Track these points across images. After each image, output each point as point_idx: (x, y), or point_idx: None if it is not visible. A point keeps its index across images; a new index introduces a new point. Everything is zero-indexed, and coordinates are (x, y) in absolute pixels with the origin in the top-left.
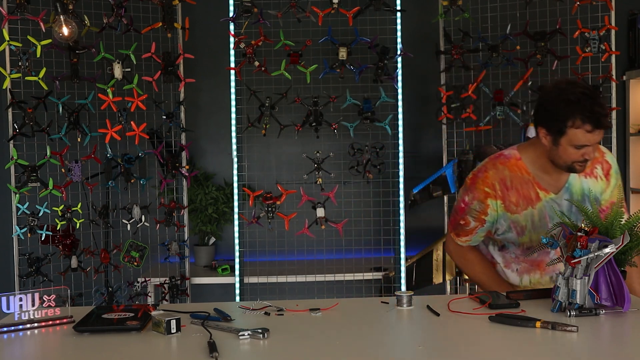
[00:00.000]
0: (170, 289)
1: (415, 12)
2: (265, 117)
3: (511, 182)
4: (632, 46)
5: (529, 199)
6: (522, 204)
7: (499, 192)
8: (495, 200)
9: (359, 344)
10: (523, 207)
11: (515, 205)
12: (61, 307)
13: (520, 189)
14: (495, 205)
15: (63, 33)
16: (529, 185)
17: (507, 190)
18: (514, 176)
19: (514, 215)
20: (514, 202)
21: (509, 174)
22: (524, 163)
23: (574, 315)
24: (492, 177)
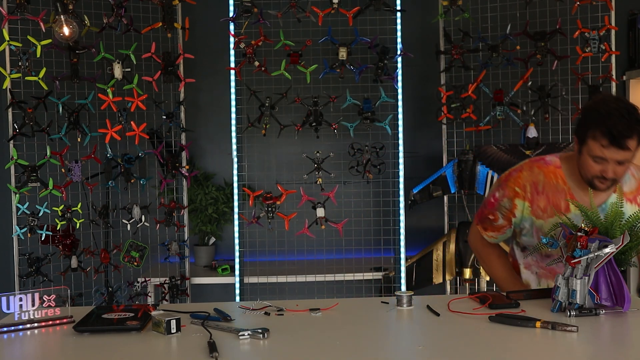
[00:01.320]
0: (170, 289)
1: (415, 12)
2: (265, 117)
3: (543, 188)
4: (632, 46)
5: (558, 207)
6: (549, 211)
7: (529, 195)
8: (523, 201)
9: (359, 344)
10: (550, 215)
11: (542, 210)
12: (61, 307)
13: (551, 196)
14: (522, 206)
15: (63, 33)
16: (562, 195)
17: (538, 194)
18: (548, 182)
19: (538, 220)
20: (541, 208)
21: (543, 179)
22: (563, 172)
23: (574, 315)
24: (524, 178)
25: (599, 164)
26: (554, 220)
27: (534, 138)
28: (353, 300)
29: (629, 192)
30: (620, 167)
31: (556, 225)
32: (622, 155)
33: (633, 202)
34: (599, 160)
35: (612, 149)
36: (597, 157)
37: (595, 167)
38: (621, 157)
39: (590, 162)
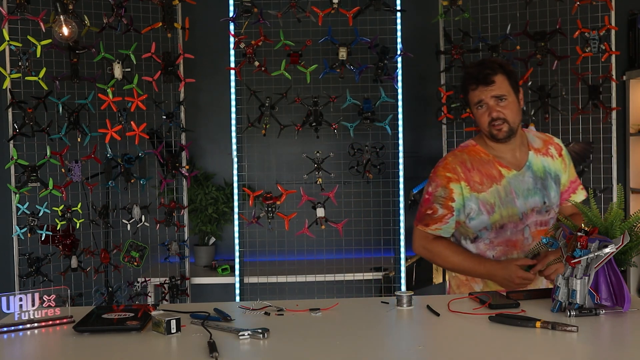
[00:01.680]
0: (170, 289)
1: (415, 12)
2: (265, 117)
3: (472, 164)
4: (632, 46)
5: (492, 177)
6: (486, 182)
7: (462, 175)
8: (458, 183)
9: (359, 344)
10: (488, 185)
11: (480, 184)
12: (61, 307)
13: (481, 169)
14: (460, 188)
15: (63, 33)
16: (490, 165)
17: (469, 171)
18: (474, 159)
19: (481, 194)
20: (478, 182)
21: (468, 157)
22: (481, 147)
23: (574, 315)
24: (451, 162)
25: (483, 109)
26: (493, 189)
27: None
28: (353, 300)
29: (539, 148)
30: (502, 105)
31: (556, 225)
32: (494, 90)
33: (546, 155)
34: (481, 105)
35: (481, 88)
36: (477, 104)
37: (483, 114)
38: (494, 92)
39: (478, 113)
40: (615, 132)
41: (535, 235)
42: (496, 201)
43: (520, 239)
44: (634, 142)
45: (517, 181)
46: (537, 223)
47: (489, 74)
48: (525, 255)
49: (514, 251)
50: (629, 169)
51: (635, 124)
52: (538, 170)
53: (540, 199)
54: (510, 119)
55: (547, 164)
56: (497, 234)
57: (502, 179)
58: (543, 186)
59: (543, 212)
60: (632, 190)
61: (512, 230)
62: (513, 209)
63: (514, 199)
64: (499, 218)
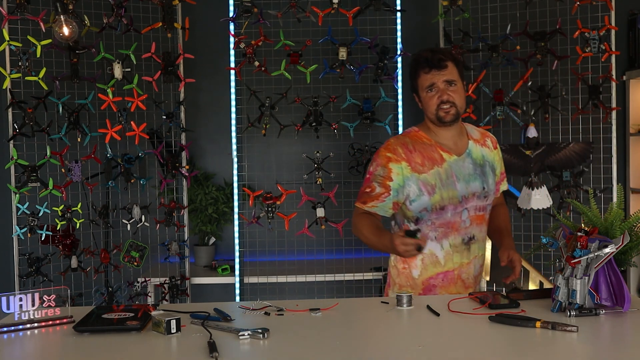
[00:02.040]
0: (170, 289)
1: (415, 12)
2: (265, 117)
3: (413, 146)
4: (632, 46)
5: (434, 159)
6: (427, 164)
7: (403, 155)
8: (398, 163)
9: (359, 344)
10: (429, 167)
11: (421, 165)
12: (61, 307)
13: (423, 152)
14: (400, 169)
15: (63, 33)
16: (432, 149)
17: (411, 152)
18: (416, 142)
19: (422, 175)
20: (419, 163)
21: (410, 140)
22: (423, 133)
23: (574, 315)
24: (393, 143)
25: (433, 92)
26: (434, 170)
27: (534, 138)
28: (353, 300)
29: (478, 139)
30: (452, 89)
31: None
32: (446, 74)
33: (484, 146)
34: (431, 89)
35: (434, 72)
36: (428, 87)
37: (432, 97)
38: (446, 76)
39: (427, 96)
40: (615, 132)
41: (472, 219)
42: (437, 182)
43: (458, 221)
44: (634, 142)
45: (457, 166)
46: (476, 208)
47: (442, 59)
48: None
49: (453, 233)
50: (629, 169)
51: (635, 124)
52: (477, 158)
53: (480, 184)
54: (458, 103)
55: (485, 154)
56: (437, 215)
57: (444, 163)
58: (482, 173)
59: (482, 198)
60: (632, 190)
61: (452, 212)
62: (453, 191)
63: (454, 182)
64: (439, 199)
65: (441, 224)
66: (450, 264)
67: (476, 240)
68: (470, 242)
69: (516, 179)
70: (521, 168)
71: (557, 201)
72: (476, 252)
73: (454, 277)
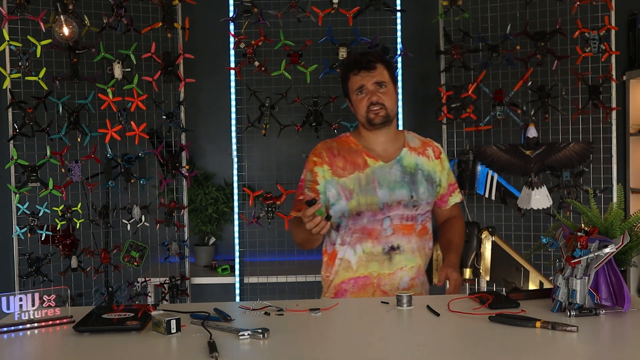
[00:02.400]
0: (170, 289)
1: (415, 12)
2: (265, 117)
3: (338, 151)
4: (632, 46)
5: (356, 164)
6: (349, 168)
7: (326, 159)
8: (322, 166)
9: (359, 344)
10: (350, 172)
11: (342, 169)
12: (61, 307)
13: (347, 156)
14: (323, 171)
15: (63, 33)
16: (357, 154)
17: (334, 157)
18: (342, 147)
19: (341, 179)
20: (340, 167)
21: (336, 145)
22: (353, 138)
23: (574, 315)
24: (320, 148)
25: (363, 94)
26: (355, 175)
27: (534, 138)
28: (353, 300)
29: (416, 147)
30: (382, 91)
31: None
32: (375, 76)
33: (422, 154)
34: (361, 91)
35: (363, 73)
36: (358, 89)
37: (363, 99)
38: (375, 78)
39: (357, 99)
40: (615, 132)
41: (396, 228)
42: (355, 188)
43: (377, 228)
44: (634, 142)
45: (382, 172)
46: (403, 217)
47: (372, 60)
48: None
49: (369, 239)
50: (629, 169)
51: (635, 124)
52: (408, 166)
53: (408, 192)
54: (388, 105)
55: (421, 162)
56: (354, 221)
57: (367, 168)
58: (412, 181)
59: (410, 207)
60: (632, 190)
61: (370, 218)
62: (373, 197)
63: (375, 188)
64: (356, 205)
65: (356, 229)
66: (364, 270)
67: (402, 251)
68: (392, 252)
69: (516, 179)
70: (521, 168)
71: (557, 201)
72: (402, 264)
73: (371, 285)
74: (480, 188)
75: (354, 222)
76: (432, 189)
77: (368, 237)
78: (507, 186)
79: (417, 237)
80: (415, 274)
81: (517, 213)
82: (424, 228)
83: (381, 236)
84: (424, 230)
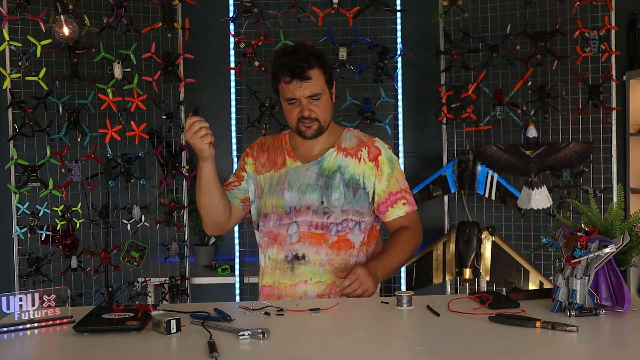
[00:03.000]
0: (170, 289)
1: (415, 12)
2: (265, 117)
3: (268, 147)
4: (632, 46)
5: (275, 162)
6: (267, 166)
7: (255, 152)
8: (249, 157)
9: (359, 344)
10: (267, 169)
11: (262, 166)
12: (61, 307)
13: (271, 153)
14: (249, 163)
15: (63, 33)
16: (281, 152)
17: (262, 152)
18: (274, 144)
19: (259, 176)
20: (262, 164)
21: (270, 141)
22: (288, 136)
23: (574, 315)
24: (258, 140)
25: (295, 105)
26: (270, 174)
27: (534, 138)
28: (353, 300)
29: (349, 147)
30: (315, 105)
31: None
32: (309, 88)
33: (352, 156)
34: (292, 101)
35: (296, 83)
36: (289, 100)
37: (293, 110)
38: (309, 90)
39: (288, 108)
40: (615, 132)
41: (303, 236)
42: (265, 187)
43: (283, 234)
44: (634, 142)
45: (296, 173)
46: (312, 224)
47: (305, 67)
48: None
49: (274, 245)
50: (629, 169)
51: (635, 124)
52: (328, 168)
53: (319, 197)
54: (321, 118)
55: (345, 164)
56: (263, 223)
57: (283, 168)
58: (325, 185)
59: (320, 214)
60: (632, 190)
61: (276, 222)
62: (279, 200)
63: (283, 190)
64: (263, 206)
65: (265, 232)
66: (269, 278)
67: (307, 262)
68: (295, 261)
69: (516, 179)
70: (521, 168)
71: (557, 201)
72: (306, 276)
73: (272, 296)
74: (480, 188)
75: (263, 224)
76: (355, 196)
77: (274, 242)
78: (507, 186)
79: (328, 249)
80: (324, 290)
81: (517, 213)
82: (343, 241)
83: (285, 242)
84: (342, 243)
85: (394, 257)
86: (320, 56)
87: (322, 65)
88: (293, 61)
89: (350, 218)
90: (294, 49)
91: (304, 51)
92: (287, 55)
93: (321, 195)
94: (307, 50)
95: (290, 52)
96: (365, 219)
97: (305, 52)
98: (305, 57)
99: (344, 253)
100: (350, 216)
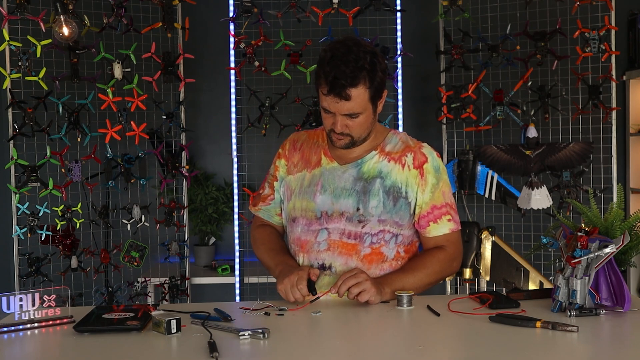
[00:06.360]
0: (170, 289)
1: (415, 12)
2: (265, 117)
3: (301, 145)
4: (632, 46)
5: (308, 162)
6: (300, 165)
7: (287, 152)
8: (281, 159)
9: (359, 344)
10: (299, 169)
11: (294, 166)
12: (61, 307)
13: (305, 152)
14: (281, 166)
15: (63, 33)
16: (316, 150)
17: (294, 151)
18: (308, 140)
19: (289, 176)
20: (294, 163)
21: (304, 138)
22: (325, 133)
23: (574, 315)
24: (290, 138)
25: (330, 116)
26: (301, 174)
27: (534, 138)
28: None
29: (393, 152)
30: (353, 122)
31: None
32: (346, 106)
33: (395, 161)
34: (327, 112)
35: (335, 98)
36: (324, 109)
37: (327, 119)
38: (347, 109)
39: (324, 114)
40: (615, 132)
41: (333, 244)
42: (296, 189)
43: (310, 240)
44: (634, 142)
45: (332, 175)
46: (344, 232)
47: (346, 86)
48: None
49: (300, 253)
50: (629, 169)
51: (635, 124)
52: (367, 172)
53: (354, 203)
54: (356, 134)
55: (387, 170)
56: (291, 228)
57: (317, 168)
58: (363, 190)
59: (355, 222)
60: (632, 190)
61: (304, 228)
62: (309, 203)
63: (315, 192)
64: (292, 208)
65: (293, 239)
66: None
67: (333, 273)
68: (320, 271)
69: (516, 179)
70: (521, 168)
71: (557, 201)
72: (328, 289)
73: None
74: (480, 188)
75: (291, 229)
76: (395, 205)
77: (300, 250)
78: (507, 186)
79: (359, 262)
80: None
81: (517, 213)
82: (377, 254)
83: (312, 249)
84: (374, 256)
85: (411, 277)
86: (371, 68)
87: (370, 79)
88: (335, 75)
89: (387, 229)
90: (343, 55)
91: (353, 60)
92: (331, 63)
93: (357, 202)
94: (357, 59)
95: (339, 58)
96: (404, 231)
97: (354, 64)
98: (351, 71)
99: (375, 267)
100: (388, 227)
